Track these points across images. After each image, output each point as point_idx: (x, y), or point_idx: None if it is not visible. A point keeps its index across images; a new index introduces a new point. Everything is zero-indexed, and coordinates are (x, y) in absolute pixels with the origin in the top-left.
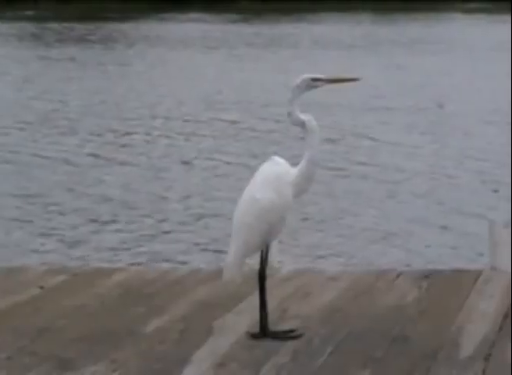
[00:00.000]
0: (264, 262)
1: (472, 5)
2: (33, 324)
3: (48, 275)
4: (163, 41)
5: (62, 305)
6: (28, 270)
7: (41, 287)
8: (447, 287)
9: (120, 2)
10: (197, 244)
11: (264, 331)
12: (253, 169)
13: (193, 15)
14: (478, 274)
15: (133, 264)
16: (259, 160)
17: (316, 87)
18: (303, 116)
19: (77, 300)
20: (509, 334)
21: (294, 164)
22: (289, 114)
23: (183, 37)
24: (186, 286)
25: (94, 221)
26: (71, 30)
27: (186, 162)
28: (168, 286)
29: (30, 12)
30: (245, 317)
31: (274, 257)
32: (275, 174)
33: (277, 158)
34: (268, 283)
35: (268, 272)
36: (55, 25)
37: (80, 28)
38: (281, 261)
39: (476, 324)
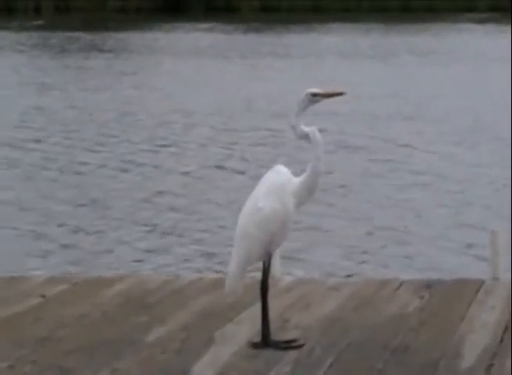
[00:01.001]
0: (266, 272)
1: (482, 16)
2: (34, 334)
3: (49, 284)
4: (176, 50)
5: (63, 314)
6: (30, 279)
7: (43, 296)
8: (449, 298)
9: (118, 12)
10: None
11: (265, 341)
12: (258, 178)
13: (199, 25)
14: (479, 284)
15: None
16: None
17: (316, 101)
18: (307, 129)
19: (78, 309)
20: (509, 346)
21: (297, 174)
22: (294, 127)
23: (194, 46)
24: (188, 295)
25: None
26: (78, 40)
27: (220, 167)
28: (169, 295)
29: (34, 22)
30: (246, 327)
31: (276, 267)
32: (277, 183)
33: (281, 168)
34: (270, 293)
35: (269, 282)
36: (61, 34)
37: (87, 38)
38: (283, 271)
39: (477, 335)
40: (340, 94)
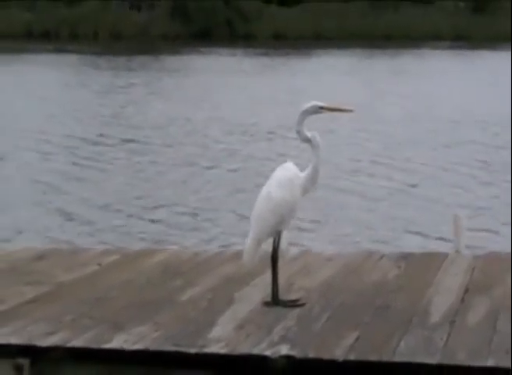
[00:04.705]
0: (276, 246)
1: (443, 43)
2: (91, 294)
3: (104, 255)
4: (213, 70)
5: (115, 279)
6: (88, 251)
7: (99, 265)
8: (420, 267)
9: (161, 39)
10: None
11: (275, 300)
12: (270, 173)
13: (226, 50)
14: (444, 256)
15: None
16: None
17: (320, 112)
18: (309, 134)
19: (127, 275)
20: (469, 305)
21: (302, 169)
22: (298, 132)
23: (231, 67)
24: (214, 264)
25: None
26: (133, 62)
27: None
28: (199, 264)
29: (90, 48)
30: (260, 289)
31: (283, 242)
32: (286, 177)
33: (289, 164)
34: (278, 262)
35: (278, 254)
36: (117, 58)
37: (141, 60)
38: (289, 245)
39: (443, 296)
40: (346, 110)
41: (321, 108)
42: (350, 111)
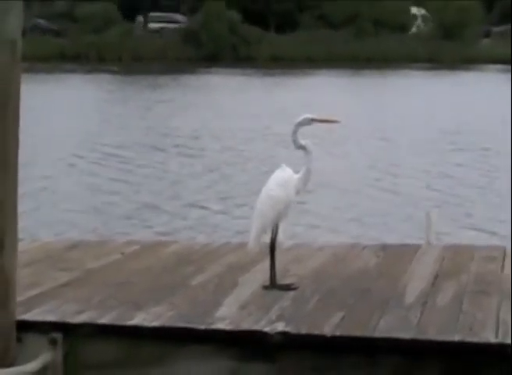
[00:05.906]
0: (274, 237)
1: (417, 65)
2: (116, 279)
3: (126, 245)
4: (228, 87)
5: (136, 266)
6: (113, 242)
7: (122, 254)
8: (397, 256)
9: (176, 60)
10: None
11: (272, 284)
12: (270, 174)
13: (232, 70)
14: (418, 247)
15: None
16: None
17: (311, 124)
18: (303, 142)
19: (146, 263)
20: (438, 289)
21: (296, 171)
22: (294, 141)
23: (241, 84)
24: (220, 254)
25: None
26: (157, 80)
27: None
28: (207, 254)
29: (118, 68)
30: (260, 275)
31: (280, 234)
32: (283, 178)
33: (285, 167)
34: (276, 252)
35: (276, 245)
36: (139, 76)
37: (164, 79)
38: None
39: (416, 281)
40: (334, 121)
41: (312, 120)
42: (337, 122)
